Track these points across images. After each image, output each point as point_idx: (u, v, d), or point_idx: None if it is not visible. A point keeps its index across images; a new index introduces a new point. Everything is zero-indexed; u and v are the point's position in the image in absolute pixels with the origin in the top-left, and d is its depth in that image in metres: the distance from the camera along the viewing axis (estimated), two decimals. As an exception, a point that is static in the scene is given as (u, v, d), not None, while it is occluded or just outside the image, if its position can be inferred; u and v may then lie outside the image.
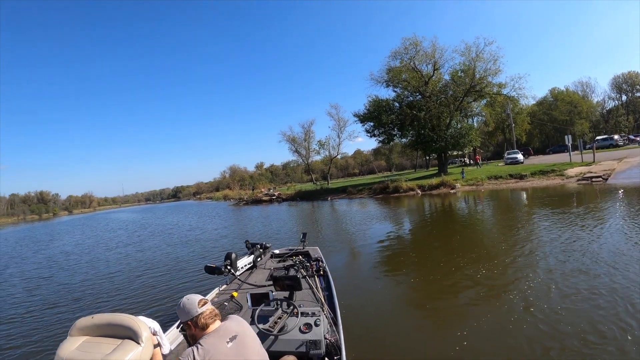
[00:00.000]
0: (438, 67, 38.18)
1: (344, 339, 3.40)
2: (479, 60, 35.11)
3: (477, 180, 27.72)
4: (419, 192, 28.96)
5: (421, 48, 37.32)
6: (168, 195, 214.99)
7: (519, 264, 7.58)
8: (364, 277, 8.28)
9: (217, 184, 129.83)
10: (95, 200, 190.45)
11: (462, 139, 36.15)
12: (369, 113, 40.88)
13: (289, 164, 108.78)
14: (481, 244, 10.13)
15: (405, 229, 14.67)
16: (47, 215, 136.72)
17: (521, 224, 12.04)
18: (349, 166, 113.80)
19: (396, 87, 40.33)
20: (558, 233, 9.74)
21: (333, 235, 14.53)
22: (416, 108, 36.94)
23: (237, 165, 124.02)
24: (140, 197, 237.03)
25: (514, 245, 9.18)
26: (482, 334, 4.78)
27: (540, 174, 25.19)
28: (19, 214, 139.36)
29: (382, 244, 11.55)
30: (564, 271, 6.76)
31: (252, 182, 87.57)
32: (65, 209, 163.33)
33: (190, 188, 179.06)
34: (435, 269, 8.06)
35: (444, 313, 5.77)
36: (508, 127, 51.26)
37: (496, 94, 36.94)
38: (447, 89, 38.47)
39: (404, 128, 39.60)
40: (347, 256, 10.84)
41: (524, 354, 4.23)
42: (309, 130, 58.81)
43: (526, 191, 21.60)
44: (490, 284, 6.58)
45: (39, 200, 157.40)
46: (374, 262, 9.56)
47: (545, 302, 5.47)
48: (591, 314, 4.95)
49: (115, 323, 2.57)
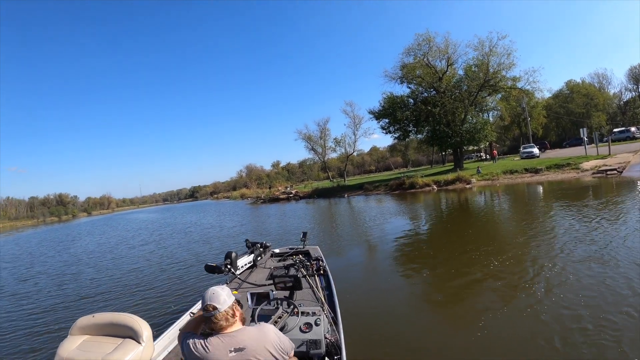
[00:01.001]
0: (452, 63, 38.67)
1: (344, 339, 3.45)
2: (493, 54, 35.51)
3: (492, 175, 28.33)
4: (435, 187, 29.67)
5: (434, 44, 37.89)
6: (185, 195, 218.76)
7: (534, 258, 7.63)
8: (379, 273, 8.50)
9: (234, 183, 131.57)
10: (113, 201, 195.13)
11: (478, 134, 36.65)
12: (384, 110, 41.69)
13: (305, 162, 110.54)
14: (496, 238, 10.35)
15: (419, 224, 14.92)
16: (67, 217, 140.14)
17: (537, 217, 12.18)
18: (365, 163, 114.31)
19: (410, 83, 40.92)
20: (574, 226, 9.85)
21: (349, 232, 14.90)
22: (431, 104, 37.56)
23: (253, 164, 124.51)
24: (157, 197, 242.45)
25: (529, 239, 9.25)
26: (492, 333, 4.76)
27: (555, 168, 25.65)
28: (39, 217, 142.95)
29: (396, 240, 11.70)
30: (582, 264, 6.77)
31: (268, 181, 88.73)
32: (84, 210, 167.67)
33: (207, 188, 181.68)
34: (447, 265, 8.18)
35: (452, 311, 5.83)
36: (524, 121, 51.28)
37: (510, 87, 37.22)
38: (461, 84, 39.04)
39: (419, 124, 40.26)
40: (362, 252, 11.10)
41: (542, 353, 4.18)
42: (325, 128, 59.65)
43: (542, 185, 21.96)
44: (503, 282, 6.52)
45: (58, 202, 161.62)
46: (389, 257, 9.75)
47: (563, 297, 5.45)
48: (611, 307, 4.92)
49: (116, 322, 2.64)
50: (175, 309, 7.22)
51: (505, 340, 4.57)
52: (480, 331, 4.82)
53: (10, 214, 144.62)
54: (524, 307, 5.33)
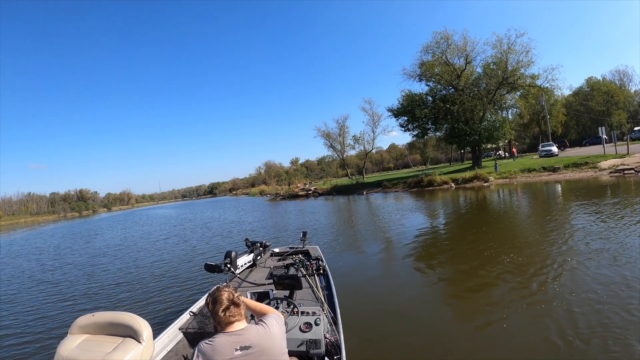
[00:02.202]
0: (470, 60, 39.11)
1: (344, 338, 3.48)
2: (511, 52, 35.85)
3: (510, 173, 29.02)
4: (453, 185, 30.50)
5: (452, 41, 38.39)
6: (204, 191, 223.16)
7: (549, 256, 7.67)
8: (396, 269, 8.61)
9: (252, 180, 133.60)
10: (133, 197, 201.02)
11: (496, 131, 37.07)
12: (403, 107, 42.54)
13: (324, 159, 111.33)
14: (510, 237, 10.50)
15: (433, 222, 15.15)
16: (87, 213, 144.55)
17: (554, 216, 12.33)
18: (384, 160, 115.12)
19: (429, 81, 41.59)
20: (589, 226, 9.94)
21: (364, 229, 15.29)
22: (449, 102, 38.27)
23: (272, 160, 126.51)
24: (176, 193, 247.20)
25: (545, 238, 9.32)
26: (497, 333, 4.82)
27: (573, 167, 26.22)
28: (60, 212, 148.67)
29: (408, 239, 11.84)
30: (597, 263, 6.82)
31: (287, 178, 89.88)
32: (104, 206, 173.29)
33: (226, 184, 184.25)
34: (456, 263, 8.37)
35: (456, 310, 5.90)
36: (543, 118, 51.24)
37: (529, 85, 37.50)
38: (479, 81, 39.54)
39: (438, 122, 40.99)
40: (372, 249, 11.20)
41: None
42: (344, 126, 60.48)
43: (559, 184, 22.37)
44: (511, 282, 6.56)
45: (78, 198, 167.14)
46: (401, 255, 9.85)
47: (579, 297, 5.46)
48: (631, 307, 4.95)
49: (116, 321, 2.68)
50: (175, 308, 7.32)
51: (513, 340, 4.57)
52: (484, 332, 4.91)
53: (32, 209, 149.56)
54: (537, 307, 5.35)
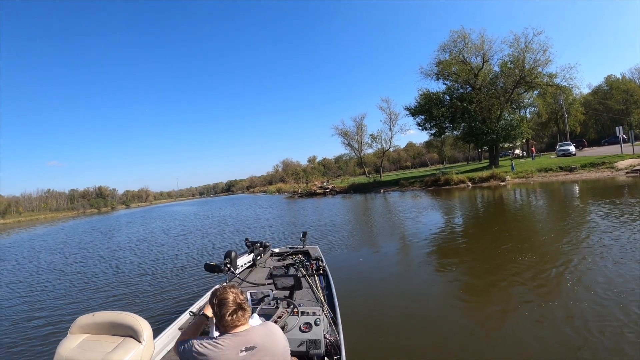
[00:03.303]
0: (487, 59, 39.51)
1: (344, 339, 3.51)
2: (528, 51, 36.08)
3: (526, 173, 29.60)
4: (470, 184, 31.20)
5: (469, 40, 38.83)
6: (221, 189, 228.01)
7: (565, 257, 7.69)
8: (413, 268, 8.71)
9: (270, 178, 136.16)
10: (151, 194, 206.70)
11: (513, 131, 37.43)
12: (420, 106, 43.25)
13: (341, 157, 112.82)
14: (526, 236, 10.50)
15: (451, 220, 15.44)
16: (106, 209, 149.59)
17: (570, 216, 12.40)
18: (401, 159, 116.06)
19: (446, 80, 42.24)
20: (606, 226, 10.02)
21: (382, 225, 15.90)
22: (466, 100, 38.91)
23: (289, 159, 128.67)
24: (194, 191, 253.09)
25: (561, 239, 9.32)
26: (501, 335, 4.85)
27: (590, 167, 26.60)
28: (79, 208, 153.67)
29: (419, 238, 11.97)
30: (615, 264, 6.86)
31: (305, 176, 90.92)
32: (122, 203, 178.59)
33: (244, 182, 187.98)
34: (464, 262, 8.55)
35: (459, 311, 5.90)
36: (561, 117, 51.17)
37: (547, 84, 37.82)
38: (497, 80, 39.95)
39: (455, 121, 41.58)
40: (393, 247, 11.41)
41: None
42: (361, 124, 61.77)
43: (576, 184, 22.68)
44: (528, 282, 6.53)
45: (97, 195, 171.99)
46: (416, 255, 9.91)
47: (597, 299, 5.44)
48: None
49: (116, 321, 2.69)
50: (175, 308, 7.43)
51: (519, 343, 4.57)
52: (487, 334, 4.95)
53: (51, 206, 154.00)
54: (551, 307, 5.38)
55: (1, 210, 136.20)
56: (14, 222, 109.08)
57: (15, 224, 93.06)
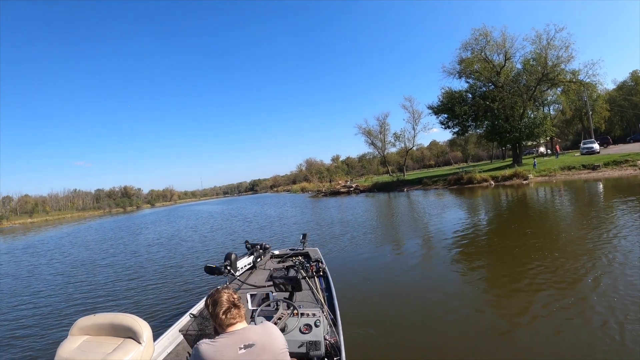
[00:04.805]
0: (509, 57, 39.81)
1: (344, 340, 3.56)
2: (550, 47, 36.24)
3: (549, 171, 30.27)
4: (492, 183, 32.08)
5: (491, 38, 39.32)
6: (245, 188, 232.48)
7: (592, 258, 7.56)
8: (436, 265, 8.92)
9: (293, 177, 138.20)
10: (175, 193, 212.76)
11: (537, 128, 37.91)
12: (443, 105, 44.05)
13: (364, 156, 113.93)
14: (549, 235, 10.51)
15: (471, 219, 15.61)
16: (131, 208, 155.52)
17: (594, 215, 12.36)
18: (425, 157, 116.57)
19: (469, 78, 42.71)
20: (630, 224, 10.03)
21: (404, 223, 16.58)
22: (489, 98, 39.42)
23: (313, 158, 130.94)
24: (218, 190, 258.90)
25: (586, 238, 9.30)
26: (504, 338, 4.82)
27: (613, 165, 27.03)
28: (105, 208, 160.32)
29: (446, 236, 12.18)
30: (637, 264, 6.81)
31: (328, 175, 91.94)
32: (147, 202, 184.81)
33: (267, 181, 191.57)
34: (469, 262, 8.67)
35: (460, 312, 5.88)
36: (585, 114, 50.65)
37: (569, 81, 38.04)
38: (519, 78, 40.16)
39: (478, 119, 42.17)
40: (413, 246, 11.51)
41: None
42: (384, 123, 62.55)
43: (599, 182, 23.06)
44: (552, 284, 6.41)
45: (123, 194, 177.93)
46: (443, 252, 10.01)
47: (623, 301, 5.36)
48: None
49: (116, 323, 2.76)
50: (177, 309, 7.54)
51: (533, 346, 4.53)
52: (489, 336, 4.94)
53: (78, 205, 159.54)
54: (576, 310, 5.33)
55: (29, 209, 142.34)
56: (41, 221, 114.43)
57: (43, 223, 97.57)
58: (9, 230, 72.17)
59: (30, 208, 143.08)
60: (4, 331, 7.59)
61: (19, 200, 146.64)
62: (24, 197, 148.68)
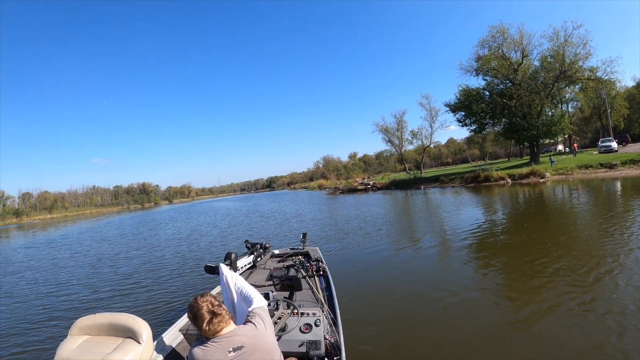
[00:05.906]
0: (527, 54, 40.17)
1: (344, 339, 3.56)
2: (568, 44, 36.57)
3: (566, 170, 30.56)
4: (509, 181, 32.49)
5: (508, 35, 39.69)
6: (262, 185, 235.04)
7: (609, 259, 7.40)
8: (455, 263, 8.79)
9: (311, 174, 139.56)
10: (193, 190, 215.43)
11: (554, 126, 38.26)
12: (460, 103, 44.71)
13: (382, 153, 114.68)
14: (560, 235, 10.45)
15: (486, 218, 15.58)
16: (149, 205, 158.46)
17: (612, 215, 12.21)
18: (442, 155, 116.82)
19: (486, 75, 43.19)
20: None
21: (420, 220, 16.88)
22: (506, 96, 39.79)
23: (330, 155, 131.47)
24: (235, 187, 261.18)
25: (603, 239, 9.11)
26: (505, 340, 4.82)
27: (630, 163, 27.22)
28: (123, 204, 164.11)
29: (463, 235, 12.04)
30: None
31: (345, 172, 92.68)
32: (165, 198, 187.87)
33: (284, 178, 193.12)
34: (475, 262, 8.64)
35: (461, 313, 5.85)
36: (604, 112, 50.35)
37: (588, 78, 38.02)
38: (537, 75, 40.45)
39: (495, 117, 42.41)
40: (434, 241, 11.59)
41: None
42: (402, 120, 63.13)
43: (616, 180, 23.16)
44: (567, 287, 6.27)
45: (141, 191, 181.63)
46: (459, 252, 9.86)
47: None
48: None
49: (115, 322, 2.80)
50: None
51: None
52: (490, 338, 4.93)
53: (96, 201, 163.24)
54: (592, 312, 5.22)
55: (48, 206, 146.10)
56: (60, 217, 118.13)
57: (62, 219, 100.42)
58: (29, 226, 74.14)
59: (49, 204, 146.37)
60: (4, 331, 7.67)
61: (38, 197, 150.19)
62: (44, 194, 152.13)
